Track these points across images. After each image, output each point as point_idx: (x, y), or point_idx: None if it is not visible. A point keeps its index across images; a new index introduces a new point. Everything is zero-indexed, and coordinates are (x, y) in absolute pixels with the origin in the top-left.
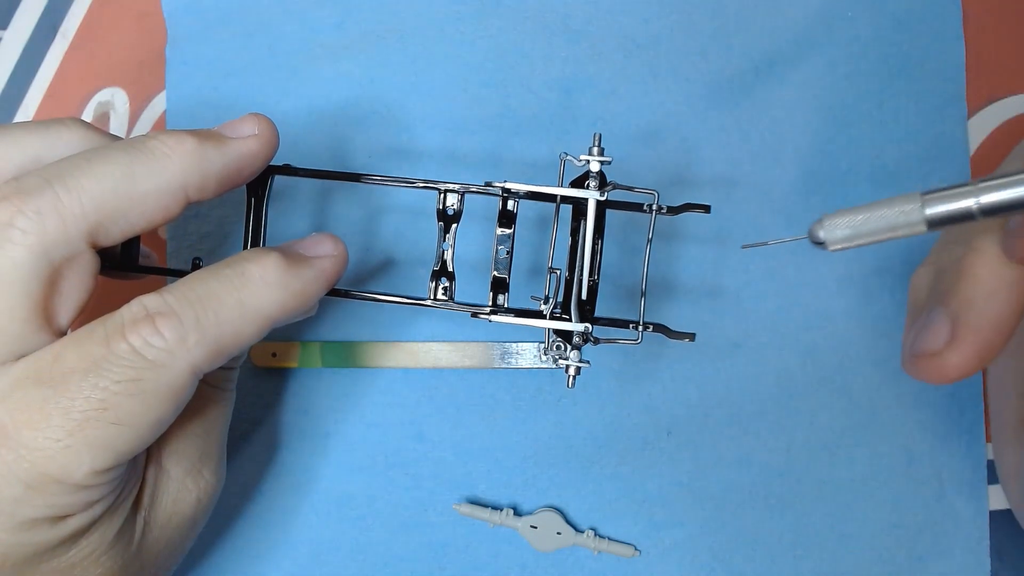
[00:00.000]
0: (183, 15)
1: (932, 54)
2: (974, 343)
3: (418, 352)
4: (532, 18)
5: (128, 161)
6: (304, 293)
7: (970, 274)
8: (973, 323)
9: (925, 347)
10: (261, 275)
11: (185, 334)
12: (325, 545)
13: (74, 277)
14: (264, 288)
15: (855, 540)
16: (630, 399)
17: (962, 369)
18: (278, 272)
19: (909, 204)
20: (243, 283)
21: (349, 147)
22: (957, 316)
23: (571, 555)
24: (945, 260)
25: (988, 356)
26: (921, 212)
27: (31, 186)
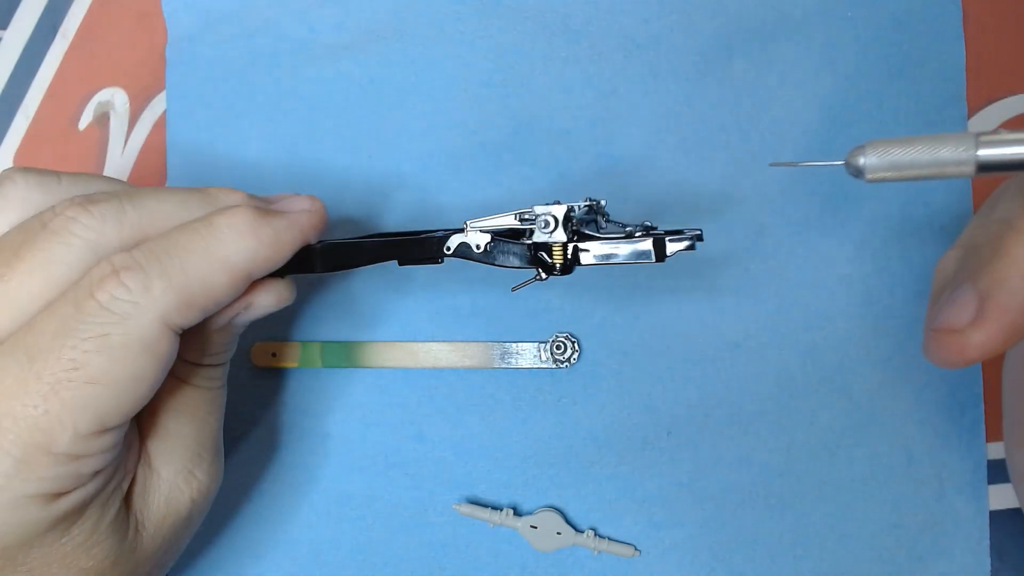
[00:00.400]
0: (183, 15)
1: (932, 54)
2: (1001, 323)
3: (418, 352)
4: (532, 18)
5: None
6: (276, 242)
7: (1007, 252)
8: (1004, 302)
9: (949, 322)
10: (228, 223)
11: (149, 283)
12: (325, 545)
13: None
14: (231, 235)
15: (855, 540)
16: (630, 399)
17: (984, 349)
18: (247, 220)
19: (963, 143)
20: (209, 232)
21: (349, 148)
22: (987, 293)
23: (571, 555)
24: (980, 238)
25: (1013, 339)
26: (974, 152)
27: (127, 262)
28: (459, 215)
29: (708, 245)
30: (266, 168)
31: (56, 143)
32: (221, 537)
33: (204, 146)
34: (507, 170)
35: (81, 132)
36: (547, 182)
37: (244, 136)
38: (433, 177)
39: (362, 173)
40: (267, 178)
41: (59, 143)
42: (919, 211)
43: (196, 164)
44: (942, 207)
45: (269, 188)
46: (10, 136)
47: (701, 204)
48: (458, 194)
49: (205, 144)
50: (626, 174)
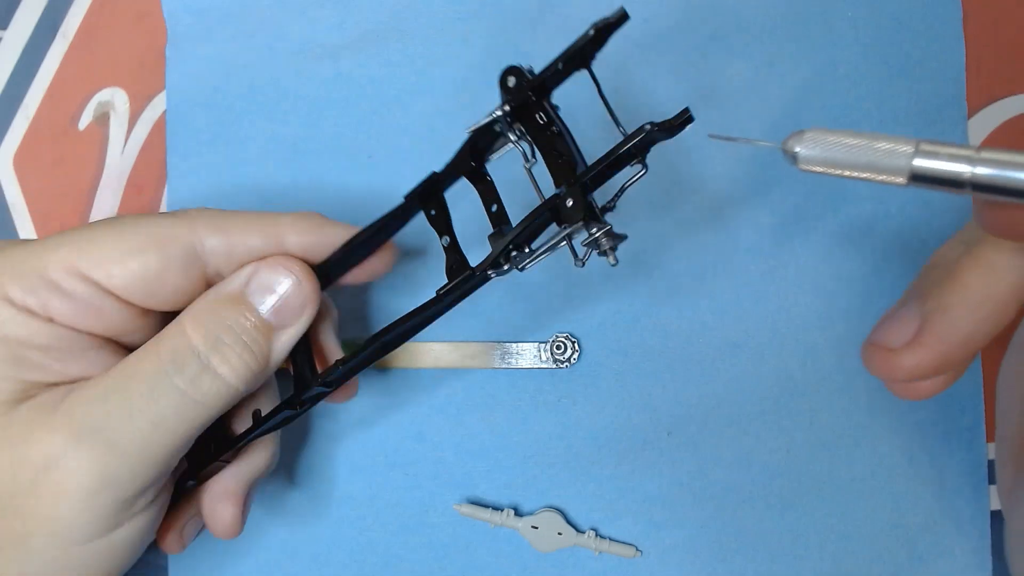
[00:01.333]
0: (183, 15)
1: (932, 54)
2: (934, 352)
3: (418, 352)
4: (531, 18)
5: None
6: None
7: (957, 278)
8: (942, 331)
9: (885, 339)
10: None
11: None
12: (325, 546)
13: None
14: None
15: (856, 540)
16: (630, 399)
17: (912, 373)
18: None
19: (902, 147)
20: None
21: (349, 147)
22: (928, 318)
23: (572, 555)
24: (945, 255)
25: (944, 369)
26: (909, 160)
27: None
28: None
29: (709, 245)
30: (267, 168)
31: (56, 143)
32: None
33: (204, 146)
34: (508, 169)
35: (81, 132)
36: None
37: (244, 136)
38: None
39: (363, 173)
40: (268, 178)
41: (59, 143)
42: (919, 211)
43: (196, 164)
44: (943, 206)
45: (270, 187)
46: (10, 136)
47: (702, 204)
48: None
49: (205, 144)
50: (626, 173)
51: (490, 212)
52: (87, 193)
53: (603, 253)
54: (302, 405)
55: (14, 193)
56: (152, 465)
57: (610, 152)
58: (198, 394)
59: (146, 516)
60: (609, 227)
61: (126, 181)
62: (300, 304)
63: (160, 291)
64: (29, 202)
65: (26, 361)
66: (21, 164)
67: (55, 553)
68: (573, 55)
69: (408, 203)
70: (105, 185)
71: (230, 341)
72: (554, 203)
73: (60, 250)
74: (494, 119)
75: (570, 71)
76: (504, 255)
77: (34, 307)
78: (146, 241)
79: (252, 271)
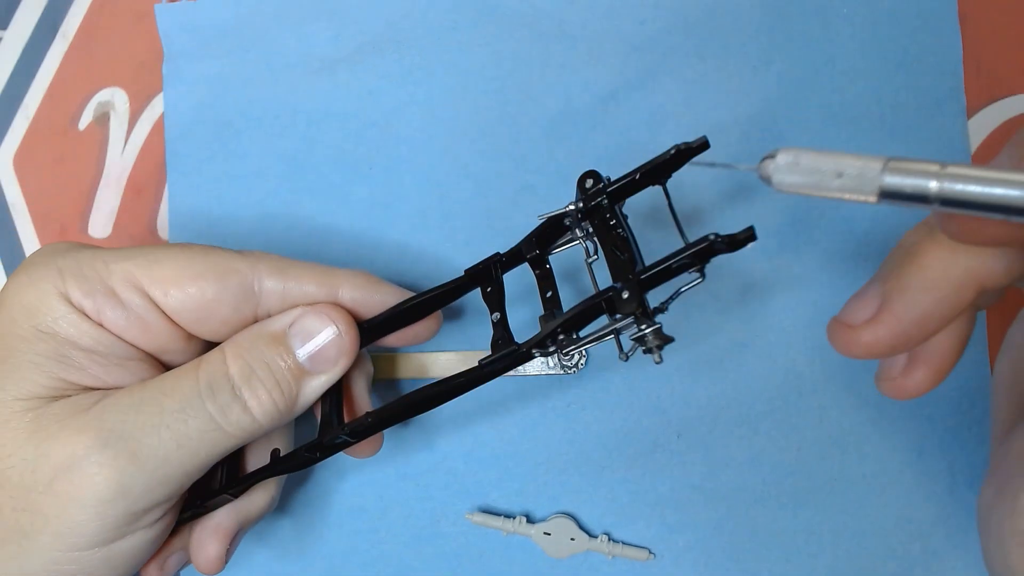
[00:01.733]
0: (179, 33)
1: (929, 49)
2: (891, 331)
3: (427, 363)
4: (528, 24)
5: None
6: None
7: (917, 260)
8: (899, 311)
9: (846, 316)
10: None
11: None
12: (339, 558)
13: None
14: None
15: (869, 536)
16: (639, 402)
17: (870, 350)
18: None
19: (871, 165)
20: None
21: (348, 159)
22: (887, 297)
23: (585, 561)
24: (909, 237)
25: (901, 347)
26: (878, 179)
27: None
28: (461, 224)
29: None
30: (267, 182)
31: (56, 143)
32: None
33: (204, 163)
34: (508, 177)
35: (81, 132)
36: (548, 188)
37: (244, 151)
38: (434, 187)
39: (363, 184)
40: (269, 192)
41: (59, 143)
42: None
43: (196, 181)
44: None
45: (271, 201)
46: (10, 136)
47: (702, 205)
48: (460, 202)
49: (205, 161)
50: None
51: (544, 297)
52: (87, 193)
53: (648, 350)
54: (322, 451)
55: (14, 193)
56: (167, 483)
57: (672, 255)
58: (225, 422)
59: (148, 533)
60: (659, 326)
61: (126, 181)
62: (336, 354)
63: (209, 320)
64: (29, 202)
65: (69, 360)
66: (21, 164)
67: (56, 555)
68: (651, 170)
69: (467, 278)
70: (105, 185)
71: (263, 377)
72: (609, 294)
73: (125, 262)
74: (566, 212)
75: (645, 184)
76: (552, 337)
77: (88, 310)
78: (208, 270)
79: (298, 315)
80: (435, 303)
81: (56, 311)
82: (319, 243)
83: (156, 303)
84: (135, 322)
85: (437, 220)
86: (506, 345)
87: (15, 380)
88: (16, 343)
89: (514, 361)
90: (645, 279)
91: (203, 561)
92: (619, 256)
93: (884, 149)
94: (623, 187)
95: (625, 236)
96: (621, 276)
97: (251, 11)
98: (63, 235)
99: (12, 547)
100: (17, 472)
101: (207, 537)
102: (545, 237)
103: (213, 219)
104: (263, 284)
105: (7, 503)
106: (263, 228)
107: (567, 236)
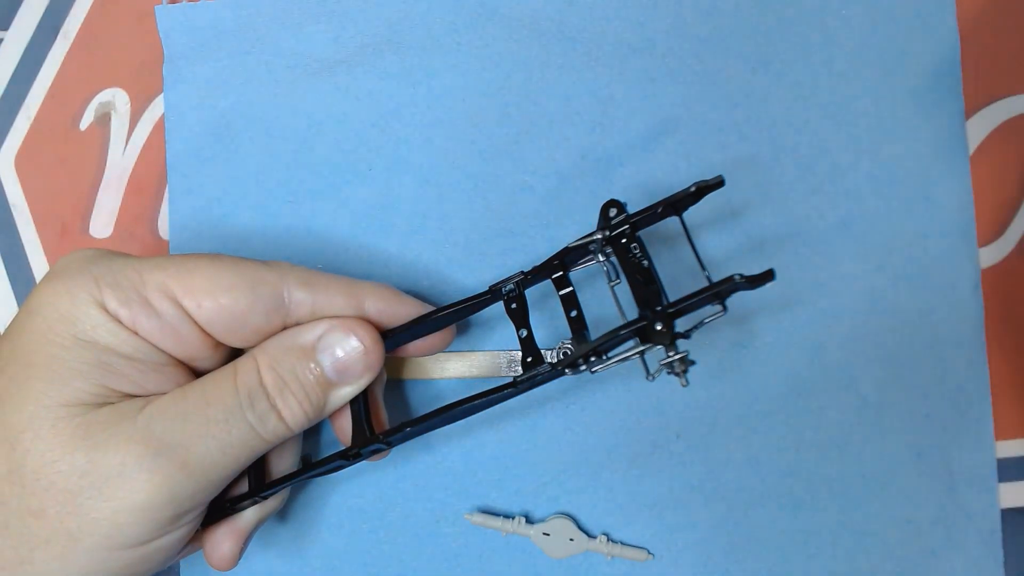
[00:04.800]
0: (179, 34)
1: (927, 48)
2: None
3: (426, 364)
4: (527, 26)
5: None
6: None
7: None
8: None
9: None
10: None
11: None
12: (338, 559)
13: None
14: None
15: (867, 536)
16: (638, 403)
17: None
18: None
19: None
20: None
21: (348, 160)
22: None
23: (584, 561)
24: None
25: None
26: None
27: None
28: (460, 224)
29: (711, 246)
30: (267, 183)
31: (57, 143)
32: None
33: (204, 164)
34: (507, 178)
35: (82, 132)
36: (546, 188)
37: (244, 153)
38: (434, 187)
39: (362, 185)
40: (268, 194)
41: (60, 143)
42: (920, 206)
43: (197, 183)
44: (944, 201)
45: (271, 202)
46: (11, 136)
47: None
48: (459, 203)
49: (206, 162)
50: (625, 178)
51: (569, 317)
52: (88, 193)
53: (674, 373)
54: (356, 457)
55: (15, 193)
56: (211, 487)
57: (698, 292)
58: (263, 430)
59: (185, 530)
60: (686, 353)
61: (127, 181)
62: (362, 368)
63: (240, 329)
64: (30, 202)
65: (110, 367)
66: (23, 164)
67: (101, 555)
68: (671, 203)
69: (490, 295)
70: (106, 185)
71: (294, 389)
72: (643, 324)
73: (158, 272)
74: (591, 240)
75: (665, 215)
76: (584, 358)
77: (124, 319)
78: (240, 281)
79: (327, 328)
80: (455, 316)
81: (94, 319)
82: (319, 243)
83: (189, 313)
84: (169, 331)
85: (436, 221)
86: (536, 362)
87: (58, 387)
88: (57, 351)
89: (545, 379)
90: (674, 312)
91: (217, 559)
92: (642, 283)
93: (883, 150)
94: (644, 217)
95: (648, 266)
96: (648, 306)
97: (251, 12)
98: (64, 235)
99: (57, 548)
100: (64, 478)
101: (222, 536)
102: (569, 259)
103: (213, 219)
104: (292, 295)
105: (53, 506)
106: (263, 228)
107: (588, 258)
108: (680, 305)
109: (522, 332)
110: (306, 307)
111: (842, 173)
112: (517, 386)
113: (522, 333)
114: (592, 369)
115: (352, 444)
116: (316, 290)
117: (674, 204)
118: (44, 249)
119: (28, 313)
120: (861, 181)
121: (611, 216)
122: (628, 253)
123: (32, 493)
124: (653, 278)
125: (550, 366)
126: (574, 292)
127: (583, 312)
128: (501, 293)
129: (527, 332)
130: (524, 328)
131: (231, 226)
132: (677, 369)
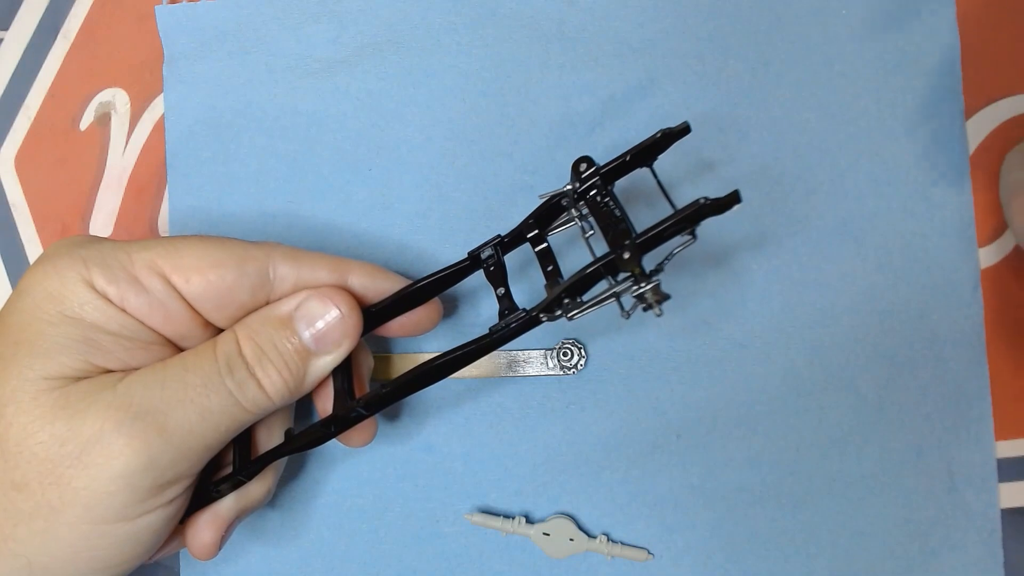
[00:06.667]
0: (179, 34)
1: (927, 49)
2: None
3: None
4: (527, 26)
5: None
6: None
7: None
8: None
9: None
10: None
11: None
12: (338, 559)
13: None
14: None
15: (867, 536)
16: (638, 403)
17: None
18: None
19: None
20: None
21: (349, 161)
22: None
23: (584, 561)
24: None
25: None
26: None
27: None
28: (460, 224)
29: (711, 247)
30: (267, 183)
31: (57, 143)
32: (233, 552)
33: (204, 164)
34: (507, 178)
35: (82, 132)
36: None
37: (244, 153)
38: (434, 187)
39: (363, 185)
40: (269, 193)
41: (60, 143)
42: (920, 206)
43: (197, 182)
44: (942, 201)
45: (270, 202)
46: (12, 136)
47: None
48: (459, 203)
49: (205, 162)
50: (625, 178)
51: (546, 271)
52: (88, 193)
53: (648, 307)
54: (337, 425)
55: (15, 193)
56: (190, 456)
57: (665, 219)
58: (243, 398)
59: (169, 510)
60: (658, 282)
61: (127, 181)
62: (340, 335)
63: (227, 306)
64: (30, 202)
65: (96, 344)
66: (22, 164)
67: (84, 529)
68: (639, 152)
69: (470, 260)
70: (106, 185)
71: (273, 357)
72: (611, 256)
73: (147, 251)
74: (563, 193)
75: (635, 166)
76: (557, 302)
77: (112, 296)
78: (227, 258)
79: (303, 298)
80: (438, 286)
81: (81, 297)
82: (319, 243)
83: (177, 290)
84: (157, 308)
85: (436, 221)
86: (513, 313)
87: (43, 361)
88: (43, 327)
89: (523, 326)
90: (642, 241)
91: (198, 547)
92: (614, 229)
93: (883, 150)
94: (614, 168)
95: (619, 212)
96: (618, 243)
97: (251, 13)
98: (64, 235)
99: (40, 522)
100: (44, 448)
101: (203, 524)
102: (543, 219)
103: (213, 219)
104: (277, 270)
105: (35, 478)
106: (263, 228)
107: (564, 217)
108: (647, 235)
109: (500, 290)
110: (289, 282)
111: (842, 173)
112: (492, 336)
113: (500, 291)
114: (569, 315)
115: (334, 409)
116: (301, 264)
117: (642, 153)
118: (44, 249)
119: (18, 294)
120: (861, 181)
121: (581, 171)
122: (601, 206)
123: (15, 466)
124: (622, 219)
125: (525, 312)
126: (550, 248)
127: (559, 268)
128: (480, 259)
129: (505, 290)
130: (502, 287)
131: (231, 226)
132: (650, 300)
